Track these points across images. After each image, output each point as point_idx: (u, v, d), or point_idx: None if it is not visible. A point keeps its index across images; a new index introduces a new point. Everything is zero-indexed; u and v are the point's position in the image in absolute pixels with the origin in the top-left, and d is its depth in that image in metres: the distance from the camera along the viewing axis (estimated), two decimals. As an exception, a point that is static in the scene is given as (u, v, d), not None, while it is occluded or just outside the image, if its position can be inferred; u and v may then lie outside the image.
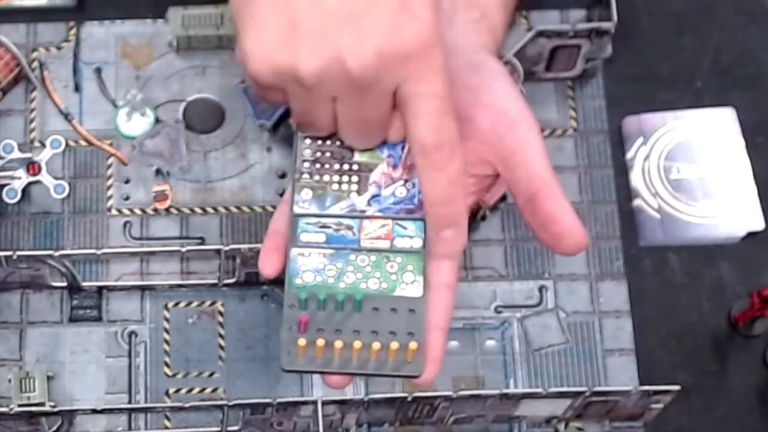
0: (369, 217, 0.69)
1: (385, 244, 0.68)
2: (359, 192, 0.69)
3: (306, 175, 0.69)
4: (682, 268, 0.84)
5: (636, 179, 0.85)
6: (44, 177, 0.83)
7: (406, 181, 0.69)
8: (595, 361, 0.82)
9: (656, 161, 0.85)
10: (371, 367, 0.67)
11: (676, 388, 0.74)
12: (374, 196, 0.69)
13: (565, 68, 0.86)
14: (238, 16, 0.63)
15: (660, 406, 0.76)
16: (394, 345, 0.66)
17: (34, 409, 0.76)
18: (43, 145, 0.84)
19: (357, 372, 0.67)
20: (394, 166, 0.69)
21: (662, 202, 0.84)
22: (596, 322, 0.83)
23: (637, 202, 0.85)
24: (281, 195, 0.84)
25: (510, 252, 0.84)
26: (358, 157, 0.69)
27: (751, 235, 0.84)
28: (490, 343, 0.82)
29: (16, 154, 0.83)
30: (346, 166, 0.69)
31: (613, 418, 0.79)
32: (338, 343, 0.66)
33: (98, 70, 0.87)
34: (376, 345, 0.66)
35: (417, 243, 0.68)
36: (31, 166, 0.83)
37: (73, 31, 0.88)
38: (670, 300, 0.83)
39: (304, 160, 0.69)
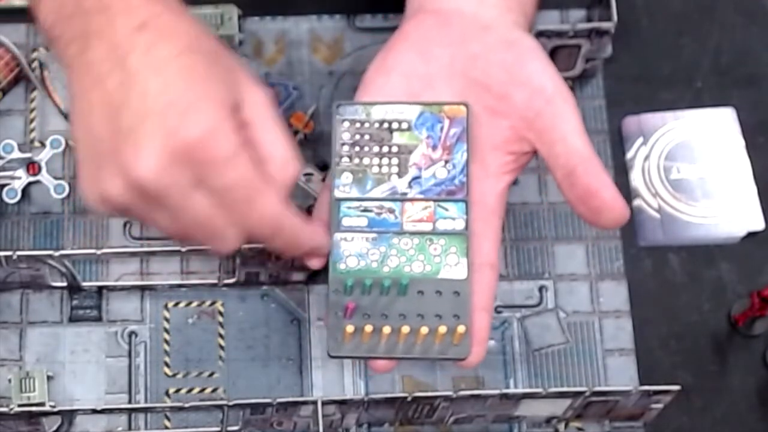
0: (411, 200, 0.68)
1: (427, 227, 0.68)
2: (400, 174, 0.69)
3: (345, 159, 0.69)
4: (682, 268, 0.84)
5: (636, 179, 0.85)
6: (44, 177, 0.83)
7: (446, 162, 0.69)
8: (595, 361, 0.82)
9: (656, 161, 0.85)
10: (417, 351, 0.67)
11: (676, 388, 0.74)
12: (415, 178, 0.69)
13: (565, 68, 0.86)
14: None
15: (660, 406, 0.76)
16: (442, 329, 0.66)
17: (34, 409, 0.76)
18: (43, 145, 0.84)
19: (403, 356, 0.67)
20: (434, 147, 0.69)
21: (662, 202, 0.84)
22: (596, 322, 0.83)
23: (637, 202, 0.85)
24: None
25: (510, 252, 0.84)
26: (397, 138, 0.69)
27: (751, 235, 0.84)
28: (490, 343, 0.82)
29: (16, 154, 0.83)
30: (385, 149, 0.69)
31: (613, 418, 0.79)
32: (386, 329, 0.65)
33: (98, 70, 0.87)
34: (423, 329, 0.66)
35: (459, 224, 0.68)
36: (31, 166, 0.83)
37: (73, 31, 0.88)
38: (670, 300, 0.83)
39: (343, 144, 0.69)
